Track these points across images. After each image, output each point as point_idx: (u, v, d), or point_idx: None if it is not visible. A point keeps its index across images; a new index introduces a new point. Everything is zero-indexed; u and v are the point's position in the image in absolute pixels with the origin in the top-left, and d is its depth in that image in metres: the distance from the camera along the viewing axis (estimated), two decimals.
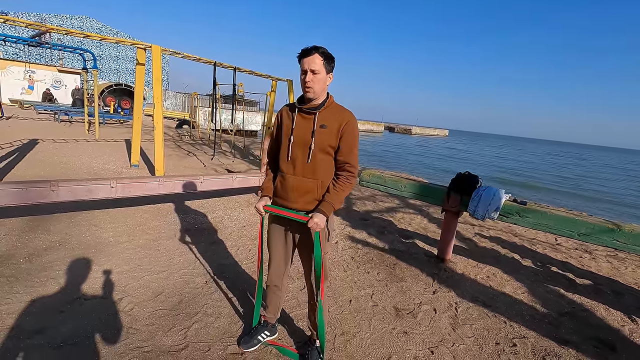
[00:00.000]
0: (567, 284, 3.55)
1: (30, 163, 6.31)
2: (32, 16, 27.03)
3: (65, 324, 2.17)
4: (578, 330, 2.70)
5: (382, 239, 4.34)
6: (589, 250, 4.75)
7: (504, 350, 2.37)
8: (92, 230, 3.68)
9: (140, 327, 2.20)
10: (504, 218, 3.32)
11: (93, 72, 10.40)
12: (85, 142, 9.22)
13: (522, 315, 2.86)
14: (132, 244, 3.45)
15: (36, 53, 26.10)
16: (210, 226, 4.21)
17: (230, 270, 3.13)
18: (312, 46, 1.71)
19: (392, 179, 4.11)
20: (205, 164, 8.30)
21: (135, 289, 2.65)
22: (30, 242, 3.25)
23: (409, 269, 3.53)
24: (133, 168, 6.91)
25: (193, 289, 2.74)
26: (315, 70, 1.71)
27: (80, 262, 2.98)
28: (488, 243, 4.63)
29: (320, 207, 1.79)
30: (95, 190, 3.56)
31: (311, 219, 1.75)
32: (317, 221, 1.74)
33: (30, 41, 9.63)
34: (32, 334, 2.05)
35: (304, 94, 1.79)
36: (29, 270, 2.76)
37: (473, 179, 3.58)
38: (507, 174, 19.42)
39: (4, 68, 19.02)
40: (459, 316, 2.75)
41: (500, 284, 3.41)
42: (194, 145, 11.56)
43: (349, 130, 1.79)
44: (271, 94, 9.47)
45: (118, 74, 31.99)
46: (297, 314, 2.54)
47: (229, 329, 2.28)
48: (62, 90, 21.06)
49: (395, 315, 2.67)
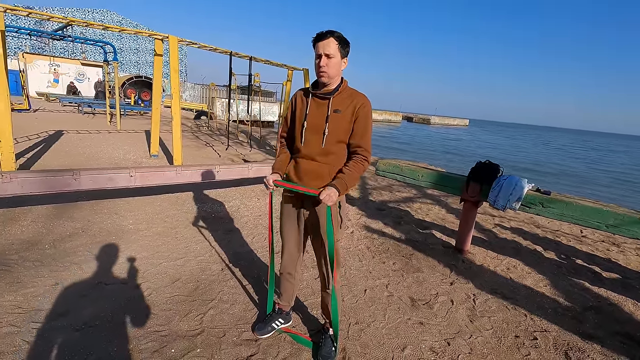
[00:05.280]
0: (593, 278, 3.41)
1: (56, 153, 6.53)
2: (55, 10, 27.76)
3: (87, 308, 2.24)
4: (603, 325, 2.59)
5: (399, 229, 4.28)
6: (617, 243, 4.55)
7: (524, 343, 2.30)
8: (113, 218, 3.78)
9: (158, 312, 2.25)
10: (526, 209, 3.19)
11: (114, 64, 10.60)
12: (107, 133, 9.47)
13: (544, 308, 2.77)
14: (151, 232, 3.53)
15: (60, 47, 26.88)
16: (227, 215, 4.25)
17: (245, 258, 3.16)
18: (327, 30, 1.68)
19: (410, 168, 4.02)
20: (221, 154, 8.38)
21: (153, 275, 2.71)
22: (55, 229, 3.37)
23: (425, 260, 3.47)
24: (152, 158, 7.05)
25: (209, 276, 2.78)
26: (330, 54, 1.67)
27: (101, 248, 3.07)
28: (509, 234, 4.49)
29: (333, 182, 1.73)
30: (115, 178, 3.64)
31: (323, 191, 1.68)
32: (330, 193, 1.67)
33: (54, 34, 9.90)
34: (57, 316, 2.13)
35: (318, 79, 1.76)
36: (53, 255, 2.86)
37: (494, 167, 3.45)
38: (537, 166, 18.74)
39: (31, 62, 19.67)
40: (477, 308, 2.68)
41: (521, 276, 3.30)
42: (211, 135, 11.69)
43: (362, 113, 1.75)
44: (287, 84, 9.42)
45: (138, 67, 32.60)
46: (312, 302, 2.54)
47: (244, 316, 2.31)
48: (85, 82, 21.65)
49: (411, 305, 2.63)
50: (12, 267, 2.62)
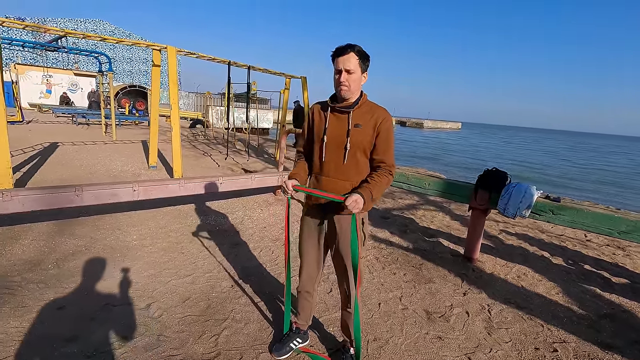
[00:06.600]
0: (603, 283, 3.40)
1: (52, 166, 6.41)
2: (48, 21, 27.58)
3: (96, 332, 2.16)
4: (620, 334, 2.57)
5: (405, 238, 4.24)
6: (622, 247, 4.56)
7: (545, 356, 2.26)
8: (116, 233, 3.70)
9: (171, 335, 2.18)
10: (536, 216, 3.18)
11: (108, 74, 10.51)
12: (103, 144, 9.34)
13: (559, 317, 2.74)
14: (156, 247, 3.45)
15: (52, 57, 26.65)
16: (231, 227, 4.19)
17: (254, 273, 3.09)
18: (346, 44, 1.62)
19: (416, 176, 4.01)
20: (220, 163, 8.31)
21: (162, 294, 2.64)
22: (58, 247, 3.28)
23: (436, 270, 3.43)
24: (151, 169, 6.95)
25: (220, 294, 2.71)
26: (351, 69, 1.63)
27: (106, 266, 2.99)
28: (515, 240, 4.48)
29: (358, 190, 1.63)
30: (118, 193, 3.57)
31: (349, 197, 1.58)
32: (356, 199, 1.56)
33: (47, 46, 9.79)
34: (66, 342, 2.05)
35: (338, 94, 1.72)
36: (57, 276, 2.78)
37: (501, 175, 3.45)
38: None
39: (23, 73, 19.44)
40: (493, 319, 2.64)
41: (533, 284, 3.28)
42: (208, 144, 11.61)
43: (384, 128, 1.71)
44: (285, 92, 9.40)
45: (132, 76, 32.43)
46: (327, 318, 2.48)
47: (259, 336, 2.24)
48: (78, 93, 21.43)
49: (427, 319, 2.59)
50: (15, 289, 2.53)
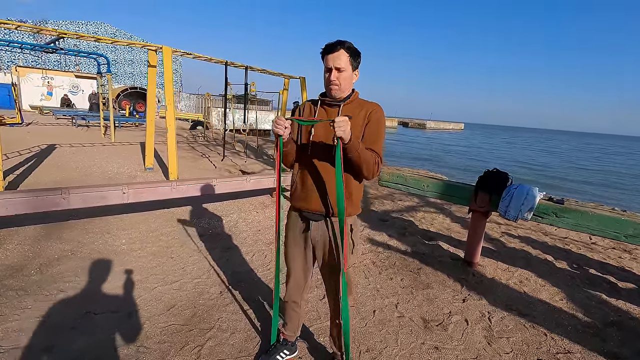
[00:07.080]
0: (609, 289, 3.27)
1: (47, 168, 6.33)
2: (49, 24, 27.66)
3: (75, 342, 2.06)
4: (628, 343, 2.44)
5: (404, 241, 4.12)
6: (628, 250, 4.42)
7: None
8: (105, 237, 3.60)
9: (152, 345, 2.07)
10: (538, 219, 3.05)
11: (107, 76, 10.46)
12: (101, 146, 9.28)
13: (563, 325, 2.61)
14: (145, 252, 3.35)
15: (54, 59, 26.71)
16: (224, 231, 4.08)
17: (245, 279, 2.98)
18: (336, 41, 1.52)
19: (414, 178, 3.88)
20: (218, 165, 8.22)
21: (147, 301, 2.53)
22: (43, 252, 3.18)
23: (434, 274, 3.31)
24: (147, 171, 6.87)
25: (207, 301, 2.60)
26: (341, 67, 1.52)
27: (91, 272, 2.88)
28: (517, 243, 4.35)
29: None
30: (107, 196, 3.47)
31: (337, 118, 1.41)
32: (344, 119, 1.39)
33: (45, 47, 9.75)
34: (42, 353, 1.95)
35: (328, 93, 1.61)
36: (39, 282, 2.67)
37: (502, 176, 3.32)
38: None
39: (24, 75, 19.49)
40: (493, 328, 2.52)
41: (535, 289, 3.15)
42: (207, 146, 11.53)
43: (374, 118, 1.60)
44: (284, 92, 9.31)
45: (133, 78, 32.45)
46: (318, 327, 2.36)
47: (245, 347, 2.13)
48: (79, 95, 21.44)
49: (424, 327, 2.47)
50: None
